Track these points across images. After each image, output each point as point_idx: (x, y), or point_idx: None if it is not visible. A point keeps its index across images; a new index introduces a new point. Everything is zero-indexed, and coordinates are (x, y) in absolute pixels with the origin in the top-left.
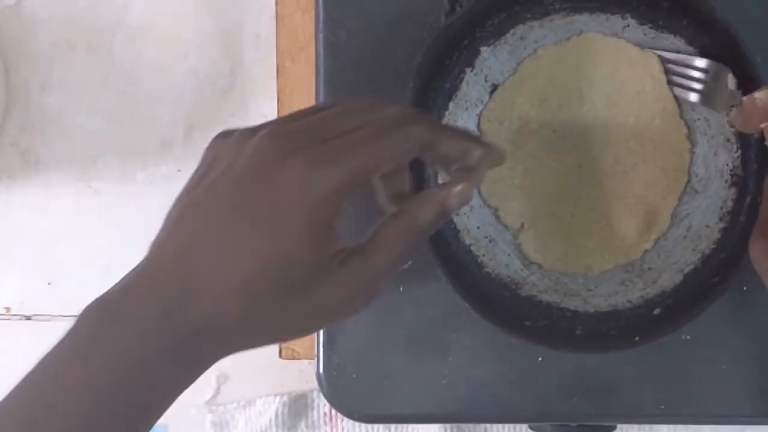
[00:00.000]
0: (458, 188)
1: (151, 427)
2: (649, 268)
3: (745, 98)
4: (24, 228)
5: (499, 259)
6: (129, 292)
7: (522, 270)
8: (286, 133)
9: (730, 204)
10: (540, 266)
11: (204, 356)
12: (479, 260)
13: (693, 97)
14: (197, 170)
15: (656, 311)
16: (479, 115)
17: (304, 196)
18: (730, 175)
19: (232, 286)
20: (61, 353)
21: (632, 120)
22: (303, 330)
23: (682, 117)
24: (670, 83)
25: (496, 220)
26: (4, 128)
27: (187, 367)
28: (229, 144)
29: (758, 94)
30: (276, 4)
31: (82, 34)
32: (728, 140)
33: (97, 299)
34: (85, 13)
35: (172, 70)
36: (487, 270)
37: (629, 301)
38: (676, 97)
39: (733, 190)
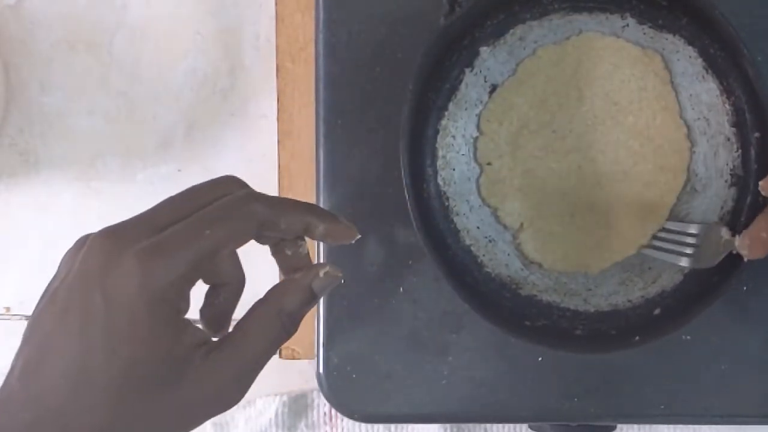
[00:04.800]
0: (325, 270)
1: None
2: (649, 268)
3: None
4: (24, 228)
5: (498, 259)
6: None
7: (522, 270)
8: (116, 229)
9: (730, 204)
10: (540, 266)
11: None
12: (479, 260)
13: (684, 261)
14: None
15: (656, 311)
16: (479, 116)
17: (140, 295)
18: (730, 175)
19: (84, 402)
20: None
21: (632, 119)
22: (181, 427)
23: (682, 116)
24: (659, 249)
25: (496, 220)
26: (4, 128)
27: None
28: (68, 252)
29: None
30: (276, 4)
31: (82, 34)
32: (728, 140)
33: None
34: (84, 13)
35: (171, 70)
36: (487, 270)
37: (629, 301)
38: (677, 96)
39: (733, 190)
